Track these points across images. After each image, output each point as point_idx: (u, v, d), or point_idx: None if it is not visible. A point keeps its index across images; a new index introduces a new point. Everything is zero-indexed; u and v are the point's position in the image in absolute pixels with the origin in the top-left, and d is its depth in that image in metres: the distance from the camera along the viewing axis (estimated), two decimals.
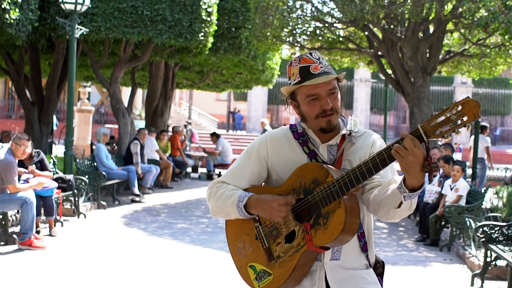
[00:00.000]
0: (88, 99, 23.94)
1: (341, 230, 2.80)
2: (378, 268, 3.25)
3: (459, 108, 2.54)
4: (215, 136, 22.15)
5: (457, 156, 22.30)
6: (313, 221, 2.91)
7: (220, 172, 21.56)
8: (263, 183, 3.25)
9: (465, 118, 2.54)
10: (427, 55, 16.55)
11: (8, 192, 9.04)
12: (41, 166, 10.46)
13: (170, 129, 23.15)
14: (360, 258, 3.15)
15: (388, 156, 2.74)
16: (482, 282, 8.13)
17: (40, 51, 17.42)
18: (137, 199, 14.69)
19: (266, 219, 3.04)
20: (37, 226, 9.77)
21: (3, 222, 9.26)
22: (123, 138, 17.25)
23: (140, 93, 38.51)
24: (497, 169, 19.72)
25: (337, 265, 3.06)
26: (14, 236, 9.26)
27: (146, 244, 10.00)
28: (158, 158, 17.67)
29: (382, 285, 3.22)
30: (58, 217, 10.69)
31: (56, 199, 10.51)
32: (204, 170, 22.52)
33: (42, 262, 8.35)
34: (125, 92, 35.20)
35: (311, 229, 2.90)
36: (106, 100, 39.67)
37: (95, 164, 14.48)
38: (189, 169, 22.10)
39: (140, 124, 25.85)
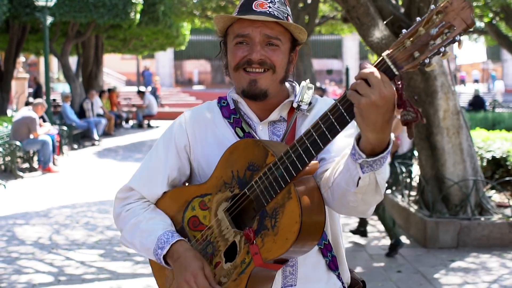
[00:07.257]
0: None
1: (298, 231, 1.81)
2: None
3: (439, 16, 1.57)
4: (141, 93, 27.01)
5: None
6: (257, 224, 1.91)
7: (148, 122, 26.41)
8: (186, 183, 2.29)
9: (452, 29, 1.57)
10: (306, 22, 21.88)
11: (32, 137, 13.73)
12: (43, 119, 15.14)
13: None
14: (329, 280, 2.13)
15: (346, 108, 1.69)
16: None
17: None
18: (97, 143, 19.48)
19: (195, 231, 2.11)
20: None
21: (30, 156, 14.06)
22: (74, 98, 21.86)
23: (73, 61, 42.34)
24: None
25: None
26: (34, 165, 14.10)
27: (121, 166, 14.94)
28: (102, 113, 22.35)
29: None
30: (56, 154, 15.43)
31: (56, 141, 15.28)
32: (135, 121, 27.34)
33: (60, 180, 13.22)
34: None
35: (256, 237, 1.90)
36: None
37: (63, 119, 19.11)
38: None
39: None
